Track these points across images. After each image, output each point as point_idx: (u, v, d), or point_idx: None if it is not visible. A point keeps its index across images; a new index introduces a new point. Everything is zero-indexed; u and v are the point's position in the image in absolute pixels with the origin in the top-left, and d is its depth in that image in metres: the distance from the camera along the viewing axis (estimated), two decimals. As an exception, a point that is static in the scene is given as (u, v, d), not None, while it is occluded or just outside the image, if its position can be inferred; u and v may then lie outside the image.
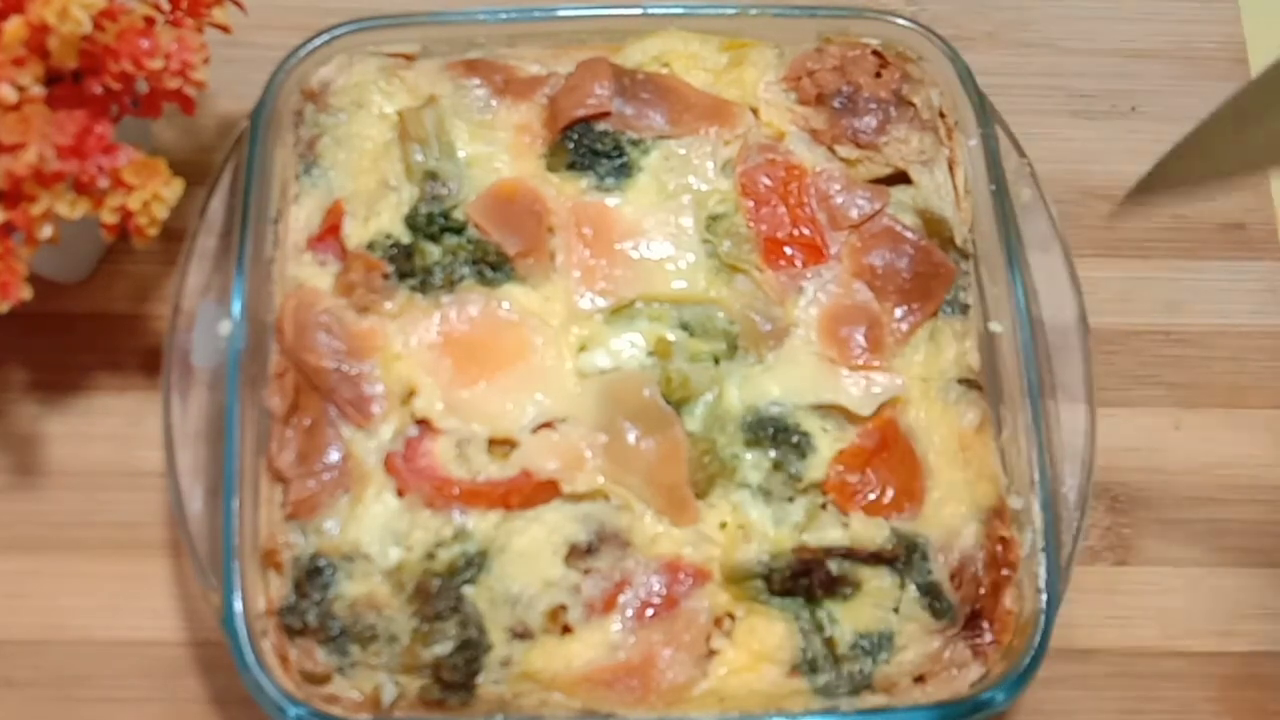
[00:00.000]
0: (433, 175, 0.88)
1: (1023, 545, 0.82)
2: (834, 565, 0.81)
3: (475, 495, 0.81)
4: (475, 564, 0.80)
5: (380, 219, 0.88)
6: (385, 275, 0.86)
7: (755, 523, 0.82)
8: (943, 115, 0.94)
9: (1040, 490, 0.82)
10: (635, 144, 0.90)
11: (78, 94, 0.78)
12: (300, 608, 0.79)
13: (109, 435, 0.93)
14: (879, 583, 0.81)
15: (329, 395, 0.83)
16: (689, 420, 0.84)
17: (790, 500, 0.83)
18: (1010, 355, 0.86)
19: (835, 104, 0.92)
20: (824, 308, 0.87)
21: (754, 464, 0.83)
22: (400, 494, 0.81)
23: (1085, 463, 0.85)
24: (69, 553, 0.90)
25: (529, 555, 0.80)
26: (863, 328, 0.86)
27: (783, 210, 0.89)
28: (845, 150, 0.91)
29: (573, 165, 0.89)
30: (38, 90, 0.76)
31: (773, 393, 0.85)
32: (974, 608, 0.82)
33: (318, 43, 0.92)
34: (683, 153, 0.90)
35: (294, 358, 0.84)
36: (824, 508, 0.83)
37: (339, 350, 0.84)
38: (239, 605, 0.77)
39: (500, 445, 0.83)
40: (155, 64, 0.78)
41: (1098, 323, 0.91)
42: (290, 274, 0.87)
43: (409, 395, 0.83)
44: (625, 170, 0.90)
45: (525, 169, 0.90)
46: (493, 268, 0.87)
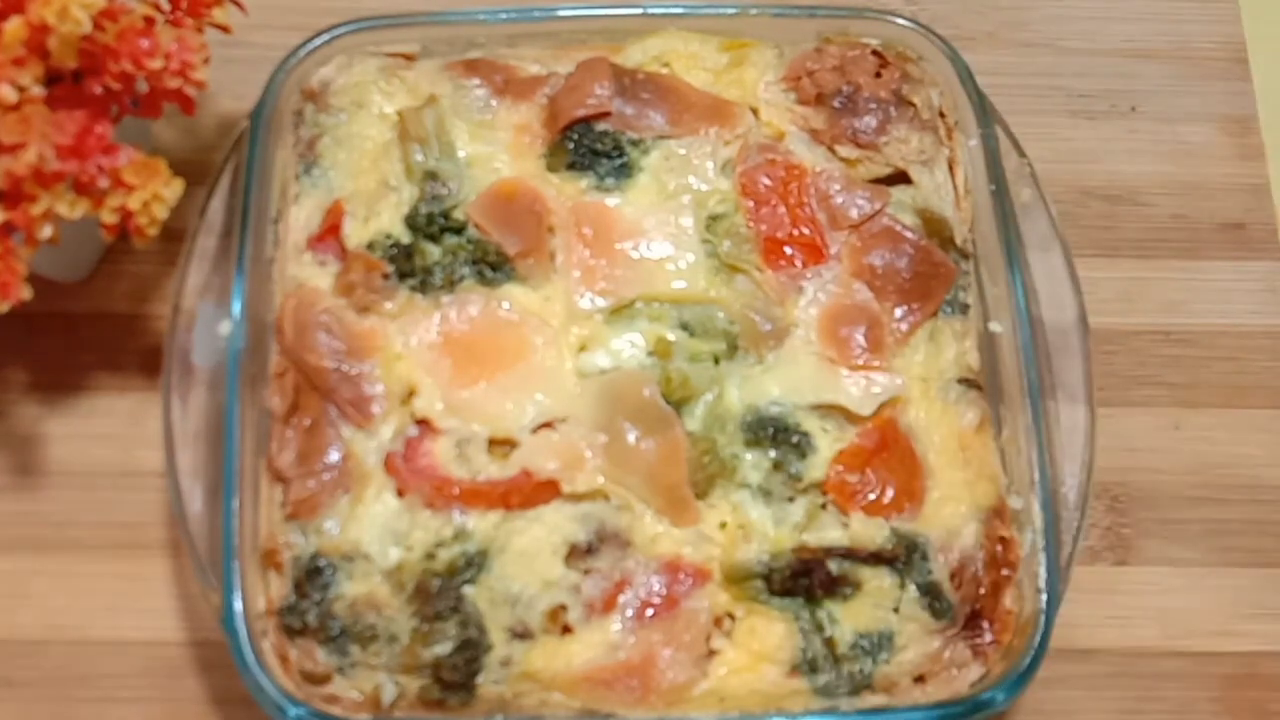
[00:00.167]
0: (433, 175, 0.88)
1: (1023, 545, 0.82)
2: (834, 565, 0.81)
3: (475, 495, 0.81)
4: (475, 564, 0.80)
5: (380, 219, 0.88)
6: (385, 275, 0.86)
7: (755, 523, 0.82)
8: (943, 115, 0.94)
9: (1040, 490, 0.82)
10: (635, 144, 0.90)
11: (78, 94, 0.78)
12: (300, 608, 0.79)
13: (109, 435, 0.93)
14: (879, 583, 0.81)
15: (329, 395, 0.83)
16: (689, 420, 0.84)
17: (790, 500, 0.83)
18: (1010, 355, 0.86)
19: (835, 104, 0.92)
20: (824, 308, 0.87)
21: (754, 464, 0.83)
22: (400, 494, 0.81)
23: (1085, 463, 0.84)
24: (69, 553, 0.90)
25: (529, 555, 0.80)
26: (863, 328, 0.86)
27: (783, 210, 0.89)
28: (845, 150, 0.91)
29: (573, 165, 0.89)
30: (38, 90, 0.76)
31: (773, 393, 0.85)
32: (974, 608, 0.82)
33: (318, 43, 0.92)
34: (683, 153, 0.90)
35: (294, 358, 0.84)
36: (824, 508, 0.83)
37: (339, 350, 0.84)
38: (239, 605, 0.77)
39: (500, 445, 0.83)
40: (155, 64, 0.78)
41: (1098, 323, 0.91)
42: (290, 274, 0.87)
43: (409, 395, 0.83)
44: (625, 170, 0.90)
45: (525, 169, 0.90)
46: (493, 268, 0.87)
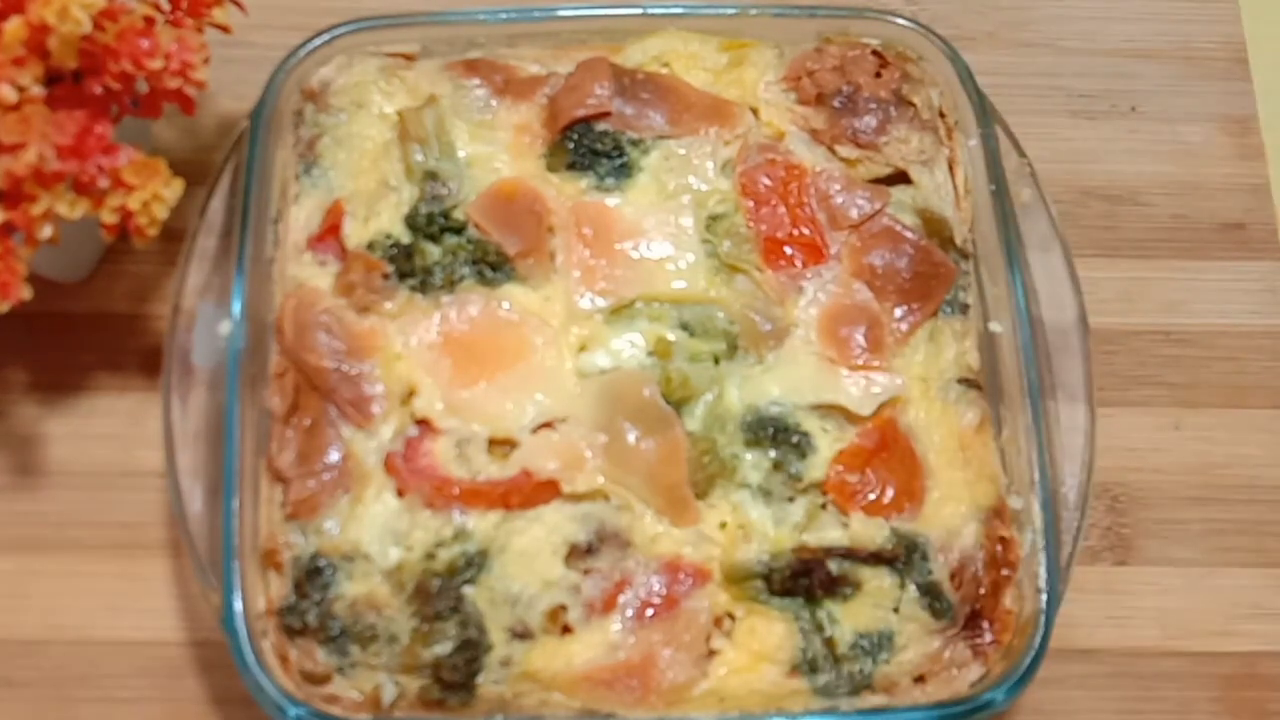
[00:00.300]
0: (433, 175, 0.88)
1: (1023, 545, 0.82)
2: (834, 565, 0.81)
3: (475, 495, 0.81)
4: (475, 564, 0.80)
5: (380, 219, 0.88)
6: (385, 275, 0.86)
7: (755, 523, 0.82)
8: (943, 115, 0.94)
9: (1040, 490, 0.82)
10: (635, 144, 0.90)
11: (78, 94, 0.78)
12: (300, 608, 0.79)
13: (109, 435, 0.93)
14: (879, 583, 0.81)
15: (329, 395, 0.83)
16: (689, 420, 0.84)
17: (790, 500, 0.83)
18: (1010, 355, 0.86)
19: (835, 104, 0.92)
20: (824, 308, 0.87)
21: (754, 464, 0.83)
22: (400, 494, 0.81)
23: (1085, 463, 0.85)
24: (69, 553, 0.90)
25: (529, 555, 0.80)
26: (863, 328, 0.86)
27: (783, 210, 0.89)
28: (845, 150, 0.91)
29: (573, 165, 0.89)
30: (38, 90, 0.76)
31: (773, 393, 0.85)
32: (974, 608, 0.82)
33: (318, 43, 0.92)
34: (683, 153, 0.90)
35: (294, 358, 0.84)
36: (824, 508, 0.83)
37: (339, 350, 0.84)
38: (239, 605, 0.77)
39: (500, 445, 0.83)
40: (155, 64, 0.78)
41: (1098, 323, 0.91)
42: (290, 274, 0.87)
43: (409, 395, 0.83)
44: (625, 170, 0.90)
45: (525, 169, 0.90)
46: (493, 268, 0.87)
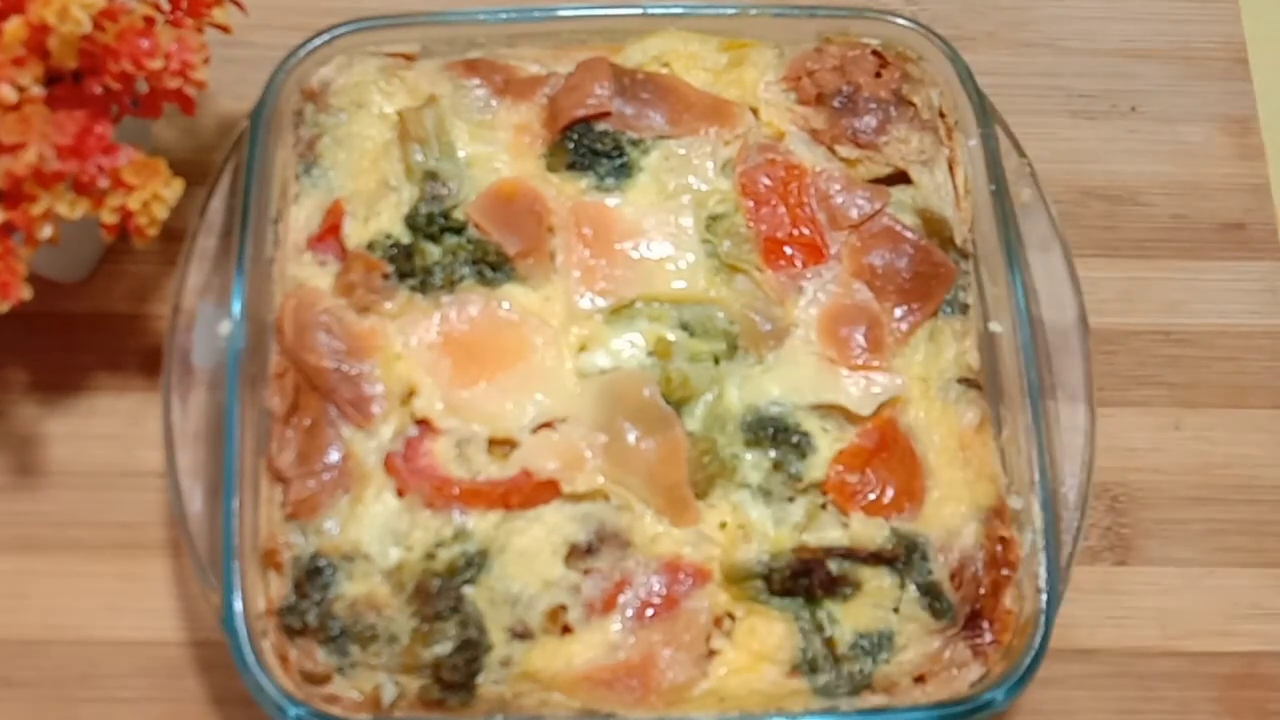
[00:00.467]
0: (433, 175, 0.88)
1: (1023, 545, 0.82)
2: (834, 565, 0.81)
3: (475, 495, 0.81)
4: (475, 564, 0.80)
5: (380, 219, 0.88)
6: (385, 275, 0.86)
7: (755, 523, 0.82)
8: (943, 115, 0.94)
9: (1040, 490, 0.82)
10: (635, 144, 0.90)
11: (78, 94, 0.78)
12: (300, 608, 0.79)
13: (109, 435, 0.93)
14: (879, 583, 0.81)
15: (329, 395, 0.83)
16: (689, 420, 0.84)
17: (790, 500, 0.83)
18: (1010, 355, 0.86)
19: (835, 104, 0.92)
20: (824, 308, 0.87)
21: (754, 464, 0.83)
22: (400, 494, 0.81)
23: (1085, 463, 0.85)
24: (69, 553, 0.90)
25: (529, 555, 0.80)
26: (863, 328, 0.86)
27: (783, 210, 0.89)
28: (845, 150, 0.91)
29: (573, 165, 0.89)
30: (38, 90, 0.76)
31: (773, 393, 0.85)
32: (974, 608, 0.82)
33: (318, 43, 0.92)
34: (683, 153, 0.90)
35: (294, 358, 0.84)
36: (824, 508, 0.83)
37: (339, 350, 0.84)
38: (239, 605, 0.77)
39: (500, 445, 0.83)
40: (155, 64, 0.78)
41: (1098, 323, 0.91)
42: (290, 274, 0.87)
43: (409, 395, 0.83)
44: (625, 170, 0.90)
45: (525, 169, 0.90)
46: (493, 268, 0.87)
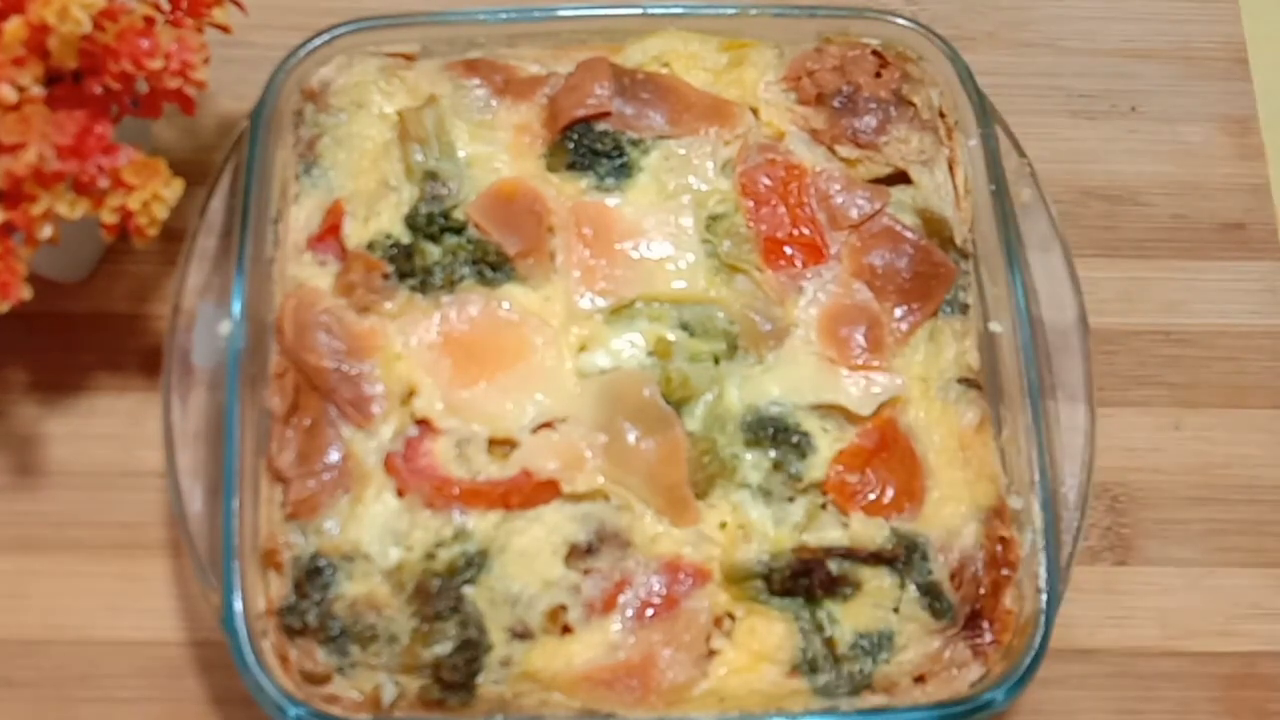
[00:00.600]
0: (433, 175, 0.88)
1: (1023, 545, 0.82)
2: (834, 565, 0.81)
3: (475, 495, 0.81)
4: (475, 564, 0.80)
5: (380, 219, 0.88)
6: (385, 275, 0.86)
7: (755, 523, 0.82)
8: (943, 115, 0.94)
9: (1040, 490, 0.82)
10: (635, 144, 0.90)
11: (78, 94, 0.78)
12: (300, 608, 0.79)
13: (109, 435, 0.93)
14: (879, 583, 0.81)
15: (329, 395, 0.83)
16: (689, 420, 0.84)
17: (790, 500, 0.83)
18: (1010, 355, 0.86)
19: (835, 104, 0.92)
20: (824, 308, 0.87)
21: (754, 464, 0.83)
22: (400, 494, 0.81)
23: (1085, 463, 0.85)
24: (69, 553, 0.90)
25: (529, 555, 0.80)
26: (863, 328, 0.86)
27: (783, 210, 0.89)
28: (845, 150, 0.91)
29: (573, 165, 0.89)
30: (38, 90, 0.76)
31: (773, 393, 0.85)
32: (974, 608, 0.82)
33: (318, 43, 0.92)
34: (683, 153, 0.90)
35: (294, 358, 0.84)
36: (824, 508, 0.83)
37: (339, 350, 0.84)
38: (239, 605, 0.77)
39: (500, 445, 0.82)
40: (155, 64, 0.78)
41: (1098, 323, 0.91)
42: (290, 274, 0.87)
43: (409, 395, 0.83)
44: (625, 170, 0.90)
45: (525, 169, 0.90)
46: (493, 268, 0.87)
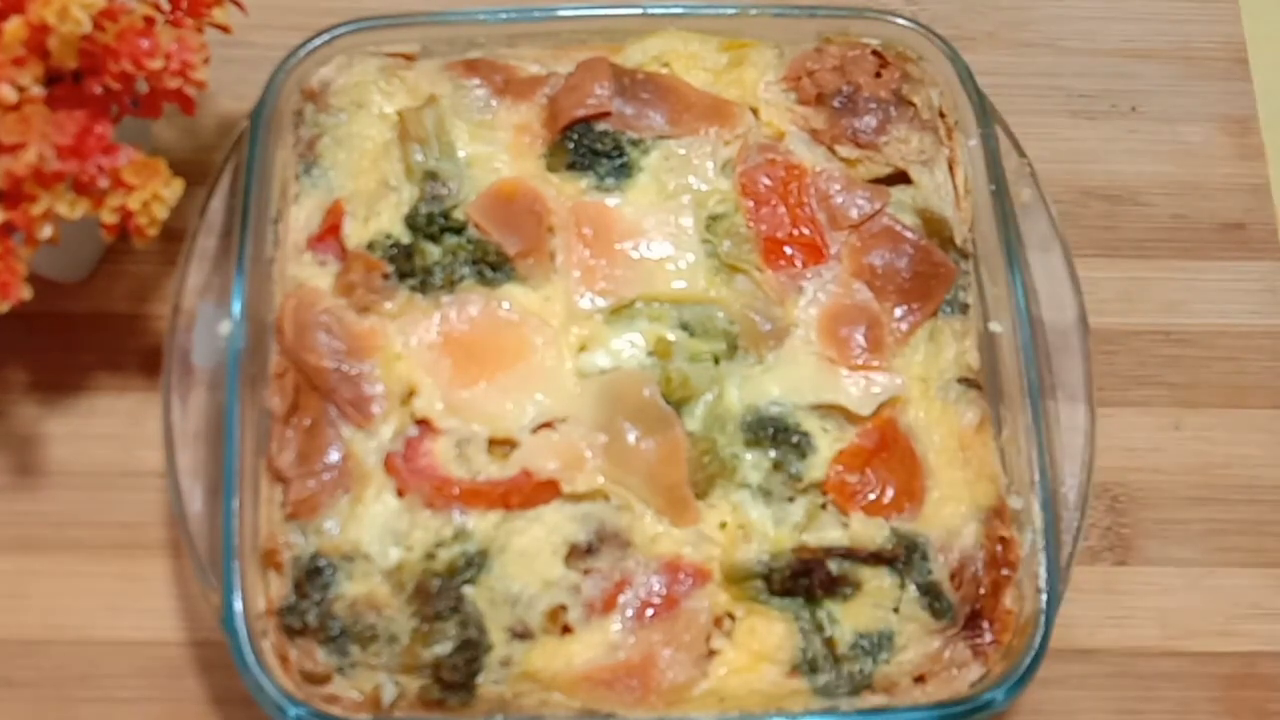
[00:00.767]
0: (433, 175, 0.88)
1: (1023, 545, 0.82)
2: (834, 565, 0.81)
3: (475, 495, 0.81)
4: (475, 564, 0.80)
5: (380, 219, 0.88)
6: (385, 275, 0.86)
7: (755, 523, 0.82)
8: (943, 115, 0.94)
9: (1040, 490, 0.82)
10: (635, 144, 0.90)
11: (78, 94, 0.78)
12: (300, 608, 0.79)
13: (109, 435, 0.93)
14: (879, 583, 0.81)
15: (329, 395, 0.83)
16: (689, 420, 0.84)
17: (790, 500, 0.83)
18: (1010, 355, 0.86)
19: (835, 104, 0.92)
20: (824, 308, 0.87)
21: (754, 464, 0.83)
22: (400, 494, 0.81)
23: (1085, 463, 0.85)
24: (69, 553, 0.90)
25: (529, 555, 0.80)
26: (862, 327, 0.86)
27: (783, 210, 0.89)
28: (845, 150, 0.91)
29: (573, 165, 0.89)
30: (38, 90, 0.76)
31: (773, 393, 0.85)
32: (974, 608, 0.82)
33: (318, 43, 0.92)
34: (683, 153, 0.90)
35: (294, 358, 0.84)
36: (824, 508, 0.83)
37: (339, 350, 0.84)
38: (239, 605, 0.77)
39: (500, 445, 0.82)
40: (155, 64, 0.78)
41: (1098, 323, 0.91)
42: (290, 274, 0.87)
43: (409, 395, 0.83)
44: (625, 170, 0.89)
45: (525, 169, 0.90)
46: (493, 268, 0.87)
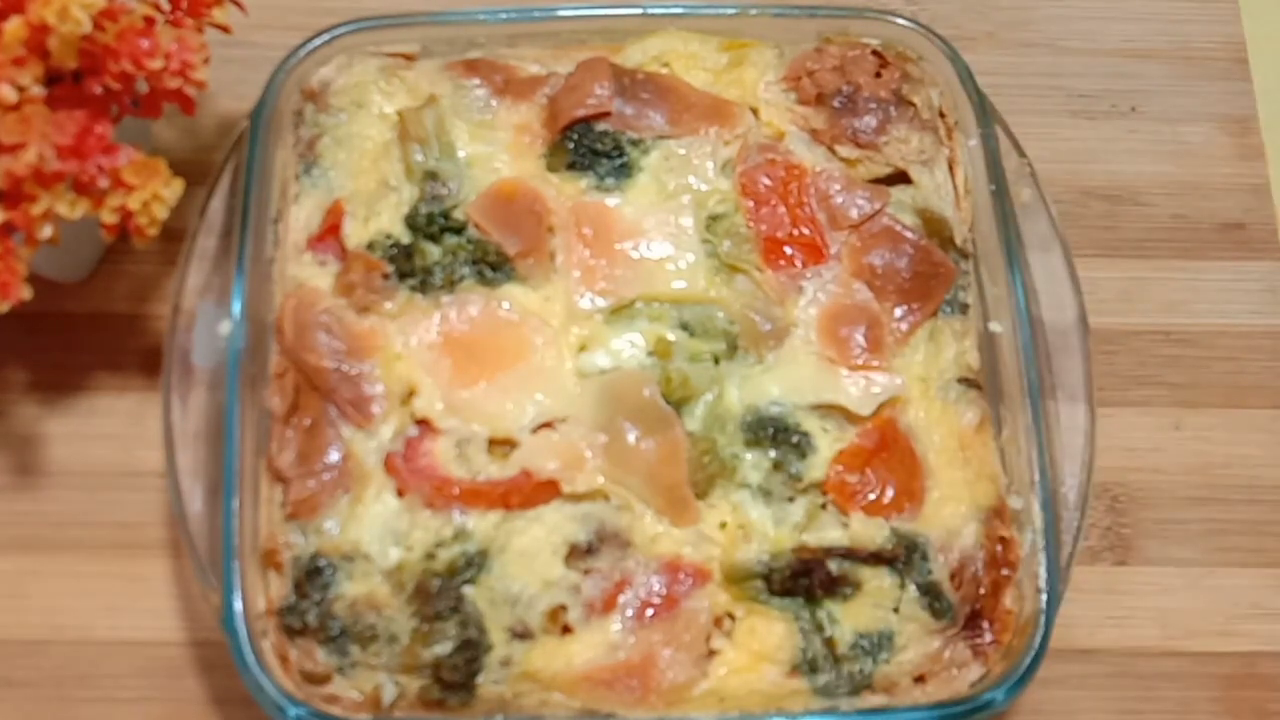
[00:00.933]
0: (433, 175, 0.88)
1: (1023, 545, 0.82)
2: (834, 565, 0.81)
3: (475, 495, 0.81)
4: (475, 564, 0.80)
5: (380, 219, 0.88)
6: (385, 275, 0.86)
7: (755, 523, 0.82)
8: (943, 115, 0.94)
9: (1040, 490, 0.82)
10: (635, 144, 0.90)
11: (78, 94, 0.78)
12: (300, 608, 0.79)
13: (109, 435, 0.93)
14: (879, 583, 0.81)
15: (329, 395, 0.83)
16: (689, 420, 0.84)
17: (790, 500, 0.83)
18: (1010, 355, 0.86)
19: (835, 104, 0.92)
20: (824, 308, 0.87)
21: (754, 464, 0.83)
22: (400, 494, 0.81)
23: (1085, 463, 0.85)
24: (69, 553, 0.90)
25: (529, 555, 0.80)
26: (862, 327, 0.86)
27: (783, 210, 0.89)
28: (845, 150, 0.91)
29: (573, 165, 0.89)
30: (38, 90, 0.76)
31: (773, 393, 0.85)
32: (974, 608, 0.82)
33: (318, 43, 0.92)
34: (683, 153, 0.90)
35: (294, 358, 0.84)
36: (824, 508, 0.83)
37: (339, 350, 0.84)
38: (239, 605, 0.77)
39: (500, 445, 0.82)
40: (155, 64, 0.78)
41: (1098, 323, 0.91)
42: (290, 274, 0.87)
43: (409, 395, 0.83)
44: (625, 170, 0.90)
45: (525, 169, 0.90)
46: (493, 268, 0.87)
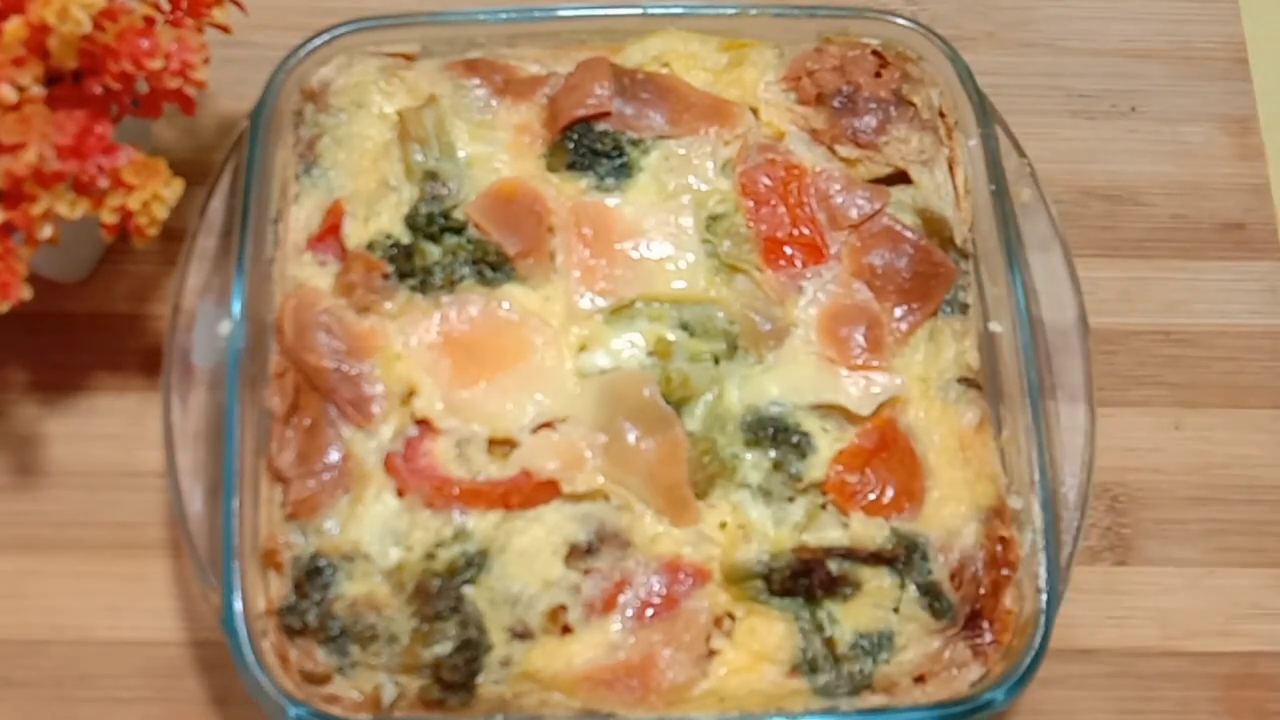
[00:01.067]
0: (433, 175, 0.88)
1: (1023, 545, 0.82)
2: (834, 565, 0.81)
3: (475, 495, 0.81)
4: (475, 564, 0.80)
5: (380, 219, 0.88)
6: (385, 275, 0.86)
7: (755, 523, 0.82)
8: (943, 115, 0.94)
9: (1040, 490, 0.82)
10: (635, 144, 0.90)
11: (78, 94, 0.78)
12: (300, 608, 0.79)
13: (109, 435, 0.93)
14: (879, 583, 0.81)
15: (329, 395, 0.83)
16: (689, 420, 0.84)
17: (790, 500, 0.83)
18: (1010, 355, 0.86)
19: (835, 104, 0.92)
20: (824, 308, 0.87)
21: (754, 464, 0.83)
22: (400, 494, 0.81)
23: (1085, 463, 0.85)
24: (69, 553, 0.90)
25: (529, 555, 0.80)
26: (862, 327, 0.86)
27: (783, 210, 0.89)
28: (845, 150, 0.91)
29: (573, 165, 0.89)
30: (38, 90, 0.76)
31: (772, 393, 0.85)
32: (974, 608, 0.82)
33: (318, 43, 0.92)
34: (683, 153, 0.90)
35: (294, 358, 0.84)
36: (824, 508, 0.83)
37: (339, 350, 0.84)
38: (239, 605, 0.77)
39: (500, 445, 0.82)
40: (155, 64, 0.78)
41: (1098, 323, 0.91)
42: (290, 274, 0.87)
43: (409, 395, 0.83)
44: (625, 170, 0.90)
45: (525, 169, 0.90)
46: (493, 268, 0.87)
